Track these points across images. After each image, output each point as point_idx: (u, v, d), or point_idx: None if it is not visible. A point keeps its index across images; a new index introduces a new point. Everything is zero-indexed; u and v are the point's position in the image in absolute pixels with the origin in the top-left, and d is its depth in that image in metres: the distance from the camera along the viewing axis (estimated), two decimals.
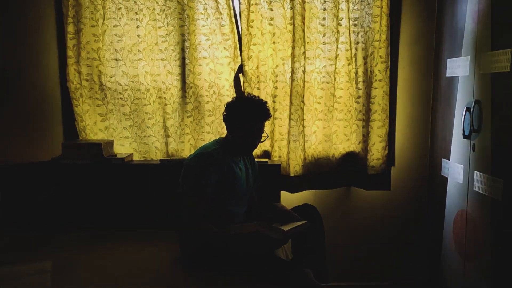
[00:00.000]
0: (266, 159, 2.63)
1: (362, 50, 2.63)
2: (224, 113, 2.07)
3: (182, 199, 1.95)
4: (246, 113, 2.01)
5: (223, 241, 1.88)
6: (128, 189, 2.50)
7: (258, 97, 2.09)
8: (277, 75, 2.63)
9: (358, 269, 2.85)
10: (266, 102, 2.07)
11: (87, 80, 2.60)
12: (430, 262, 2.70)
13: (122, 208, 2.50)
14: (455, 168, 2.35)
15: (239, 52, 2.62)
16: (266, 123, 2.10)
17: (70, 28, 2.54)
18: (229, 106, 2.06)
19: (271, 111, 2.64)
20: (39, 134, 2.66)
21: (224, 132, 2.60)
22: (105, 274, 1.92)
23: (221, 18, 2.57)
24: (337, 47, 2.61)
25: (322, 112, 2.68)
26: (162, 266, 2.00)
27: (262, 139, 2.09)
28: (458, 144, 2.33)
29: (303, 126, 2.64)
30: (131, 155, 2.61)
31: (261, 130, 2.06)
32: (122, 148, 2.66)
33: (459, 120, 2.31)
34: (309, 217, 2.07)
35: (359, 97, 2.66)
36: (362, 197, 2.79)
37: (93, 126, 2.64)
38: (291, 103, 2.62)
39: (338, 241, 2.74)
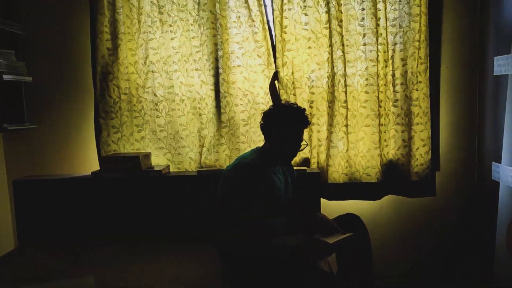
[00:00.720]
0: (305, 168, 2.56)
1: (401, 51, 2.53)
2: (261, 121, 2.02)
3: (221, 212, 1.90)
4: (284, 120, 1.95)
5: (266, 253, 1.82)
6: (165, 202, 2.49)
7: (296, 104, 2.04)
8: (313, 80, 2.57)
9: (401, 279, 2.72)
10: (304, 109, 2.01)
11: (125, 94, 2.62)
12: (481, 272, 2.54)
13: (159, 221, 2.48)
14: (508, 172, 2.20)
15: (273, 59, 2.58)
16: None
17: (109, 45, 2.57)
18: (266, 114, 2.01)
19: (309, 117, 2.59)
20: (79, 147, 2.70)
21: (259, 141, 2.57)
22: (150, 286, 1.90)
23: (254, 25, 2.54)
24: (377, 48, 2.51)
25: (369, 117, 2.58)
26: (201, 279, 1.96)
27: (301, 148, 2.03)
28: (510, 146, 2.19)
29: (346, 133, 2.56)
30: (168, 167, 2.60)
31: (300, 137, 2.00)
32: (157, 159, 2.66)
33: (510, 121, 2.17)
34: (352, 228, 1.99)
35: (396, 100, 2.55)
36: (404, 205, 2.67)
37: (130, 137, 2.65)
38: (330, 108, 2.55)
39: (380, 251, 2.62)
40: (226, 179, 1.95)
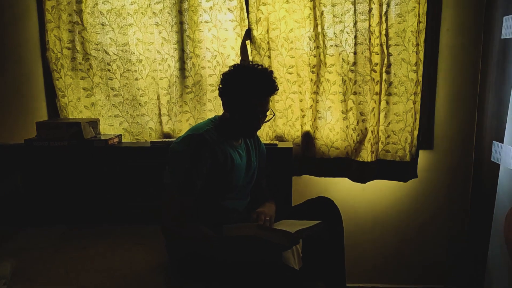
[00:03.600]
0: (276, 142, 2.24)
1: (397, 5, 2.15)
2: (220, 85, 1.68)
3: (167, 192, 1.59)
4: (248, 85, 1.61)
5: (214, 246, 1.52)
6: (111, 177, 2.17)
7: (262, 65, 1.69)
8: (291, 41, 2.21)
9: (381, 273, 2.46)
10: (271, 72, 1.67)
11: (68, 48, 2.26)
12: (474, 265, 2.28)
13: (102, 199, 2.18)
14: (511, 152, 1.89)
15: (246, 14, 2.21)
16: (281, 98, 1.68)
17: None
18: (226, 77, 1.66)
19: (286, 84, 2.23)
20: (17, 112, 2.35)
21: None
22: (76, 281, 1.61)
23: None
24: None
25: (357, 83, 2.22)
26: (145, 271, 1.67)
27: (267, 118, 1.69)
28: None
29: (334, 101, 2.25)
30: (119, 136, 2.27)
31: (266, 106, 1.67)
32: (111, 129, 2.33)
33: None
34: (324, 213, 1.69)
35: (390, 65, 2.19)
36: (388, 187, 2.36)
37: (77, 103, 2.31)
38: (313, 73, 2.22)
39: (356, 241, 2.35)
40: (174, 153, 1.62)
